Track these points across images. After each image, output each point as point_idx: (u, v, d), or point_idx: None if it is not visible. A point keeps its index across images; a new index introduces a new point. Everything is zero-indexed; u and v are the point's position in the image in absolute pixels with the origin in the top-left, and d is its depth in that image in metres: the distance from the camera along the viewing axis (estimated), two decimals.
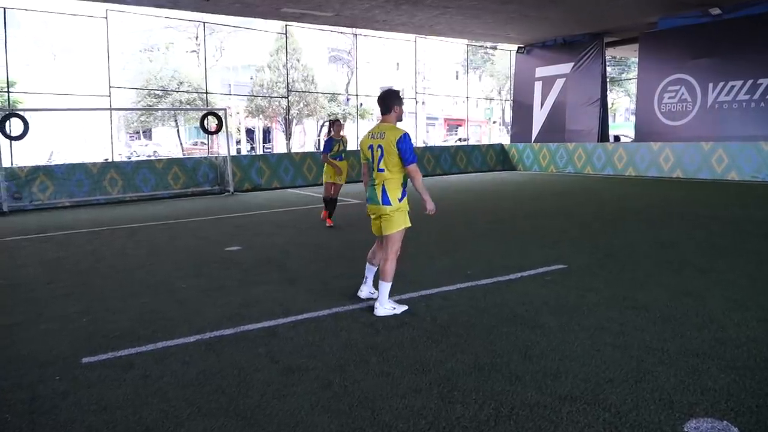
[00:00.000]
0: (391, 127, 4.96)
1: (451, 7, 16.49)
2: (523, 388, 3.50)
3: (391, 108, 5.00)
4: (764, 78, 15.72)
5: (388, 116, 5.02)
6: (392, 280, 5.03)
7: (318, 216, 10.86)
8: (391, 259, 5.02)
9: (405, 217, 5.02)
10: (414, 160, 4.86)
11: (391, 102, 4.99)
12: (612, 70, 42.69)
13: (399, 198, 4.95)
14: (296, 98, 34.88)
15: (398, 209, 4.95)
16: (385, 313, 4.97)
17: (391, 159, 4.89)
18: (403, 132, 4.90)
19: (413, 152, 4.88)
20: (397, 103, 5.01)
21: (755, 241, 7.75)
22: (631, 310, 4.95)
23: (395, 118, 5.03)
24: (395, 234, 4.99)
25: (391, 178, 4.94)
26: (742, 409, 3.17)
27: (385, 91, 5.10)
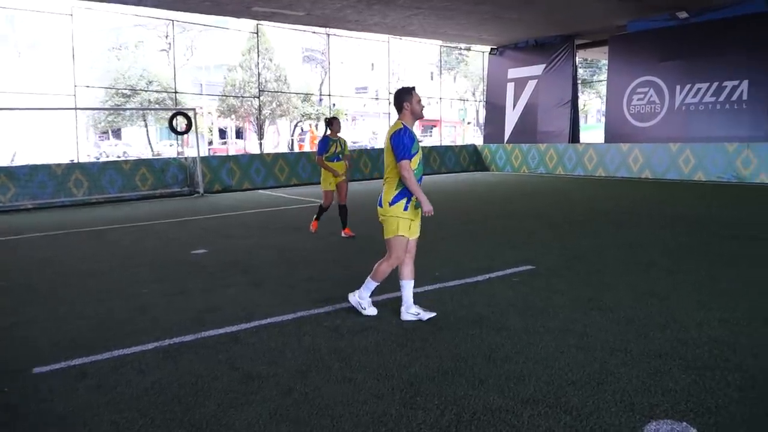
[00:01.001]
0: (396, 123, 4.74)
1: (423, 7, 16.48)
2: (486, 392, 3.47)
3: (401, 106, 4.74)
4: (729, 81, 15.99)
5: (401, 115, 4.77)
6: (378, 282, 4.91)
7: (293, 218, 10.74)
8: (386, 263, 4.81)
9: (397, 225, 4.67)
10: (405, 156, 4.54)
11: (401, 100, 4.73)
12: (583, 72, 43.18)
13: (390, 202, 4.66)
14: (269, 98, 34.65)
15: (389, 213, 4.67)
16: (354, 303, 4.98)
17: (388, 157, 4.69)
18: (399, 127, 4.66)
19: (405, 148, 4.56)
20: (408, 99, 4.71)
21: (720, 241, 7.84)
22: (596, 311, 4.96)
23: (410, 116, 4.74)
24: (390, 240, 4.73)
25: (388, 177, 4.72)
26: (701, 410, 3.17)
27: (396, 91, 4.82)
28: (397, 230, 4.68)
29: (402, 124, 4.68)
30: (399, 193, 4.65)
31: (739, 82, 15.78)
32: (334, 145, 8.88)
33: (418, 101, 4.75)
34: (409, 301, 4.88)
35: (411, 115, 4.73)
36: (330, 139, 8.88)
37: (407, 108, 4.72)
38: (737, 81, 15.81)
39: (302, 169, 18.39)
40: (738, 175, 15.31)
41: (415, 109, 4.72)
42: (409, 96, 4.72)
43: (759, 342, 4.12)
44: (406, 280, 4.87)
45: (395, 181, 4.66)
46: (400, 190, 4.65)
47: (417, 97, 4.74)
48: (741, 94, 15.78)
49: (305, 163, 18.52)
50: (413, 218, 4.74)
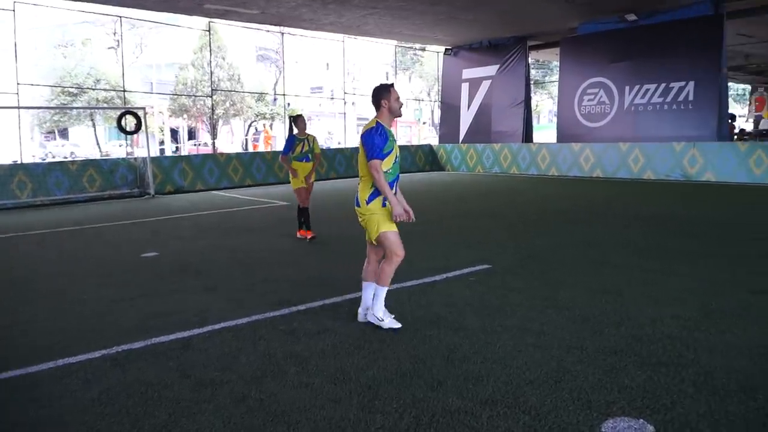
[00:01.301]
0: (370, 121, 4.58)
1: (378, 7, 16.45)
2: (445, 394, 3.43)
3: (379, 103, 4.56)
4: (675, 82, 16.43)
5: (379, 113, 4.58)
6: (388, 286, 4.60)
7: (247, 219, 10.54)
8: (387, 263, 4.57)
9: (377, 222, 4.51)
10: (375, 156, 4.37)
11: (378, 97, 4.55)
12: (535, 73, 43.92)
13: (367, 200, 4.51)
14: (222, 97, 34.11)
15: (368, 212, 4.52)
16: (373, 320, 4.60)
17: (361, 156, 4.53)
18: (372, 125, 4.50)
19: (376, 148, 4.38)
20: (385, 96, 4.54)
21: (670, 238, 8.02)
22: (552, 309, 4.98)
23: (387, 114, 4.57)
24: (381, 239, 4.53)
25: (363, 177, 4.57)
26: (657, 406, 3.19)
27: (374, 88, 4.63)
28: (381, 226, 4.51)
29: (376, 122, 4.52)
30: (375, 190, 4.51)
31: (685, 83, 16.23)
32: (300, 145, 8.49)
33: (397, 99, 4.58)
34: (369, 302, 4.77)
35: (388, 113, 4.57)
36: (296, 138, 8.49)
37: (385, 106, 4.56)
38: (684, 82, 16.27)
39: (257, 169, 18.15)
40: (685, 174, 15.75)
41: (393, 107, 4.56)
42: (387, 93, 4.56)
43: (712, 338, 4.20)
44: (368, 282, 4.76)
45: (370, 179, 4.50)
46: (376, 188, 4.50)
47: (395, 95, 4.59)
48: (687, 95, 16.24)
49: (260, 163, 18.28)
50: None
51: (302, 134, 8.52)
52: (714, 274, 5.96)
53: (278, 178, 18.47)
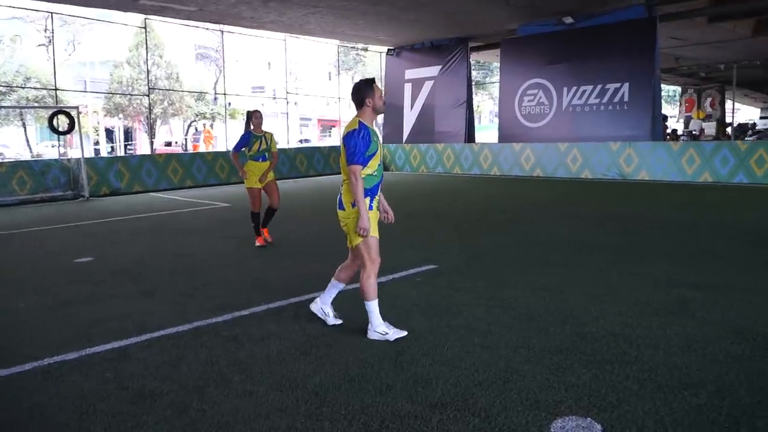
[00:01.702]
0: (352, 122, 4.27)
1: (320, 6, 16.30)
2: (394, 398, 3.38)
3: (362, 101, 4.25)
4: (611, 83, 16.91)
5: (361, 111, 4.28)
6: (376, 297, 4.35)
7: (188, 222, 10.23)
8: (365, 274, 4.33)
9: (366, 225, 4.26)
10: (356, 161, 4.12)
11: (362, 94, 4.25)
12: (477, 74, 44.54)
13: (352, 203, 4.24)
14: (159, 96, 33.22)
15: (351, 216, 4.28)
16: (376, 337, 4.29)
17: (343, 158, 4.26)
18: (354, 127, 4.20)
19: (357, 152, 4.13)
20: (370, 94, 4.23)
21: (609, 236, 8.22)
22: (498, 308, 5.00)
23: (371, 113, 4.28)
24: (360, 246, 4.30)
25: (346, 179, 4.30)
26: (603, 405, 3.22)
27: (355, 84, 4.33)
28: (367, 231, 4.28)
29: (359, 123, 4.22)
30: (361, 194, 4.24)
31: (620, 85, 16.72)
32: (257, 143, 7.82)
33: (380, 96, 4.30)
34: (329, 301, 4.70)
35: (372, 111, 4.29)
36: (252, 135, 7.84)
37: (369, 104, 4.25)
38: (619, 84, 16.75)
39: (197, 170, 17.72)
40: (621, 173, 16.23)
41: (377, 105, 4.27)
42: (371, 90, 4.25)
43: (654, 334, 4.28)
44: (339, 282, 4.66)
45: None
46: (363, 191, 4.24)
47: (379, 91, 4.30)
48: (623, 96, 16.73)
49: (200, 164, 17.86)
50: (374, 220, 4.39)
51: (258, 131, 7.89)
52: (653, 271, 6.12)
53: (220, 179, 18.09)
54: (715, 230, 8.38)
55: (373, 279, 4.34)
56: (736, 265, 6.28)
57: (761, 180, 13.90)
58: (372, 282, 4.33)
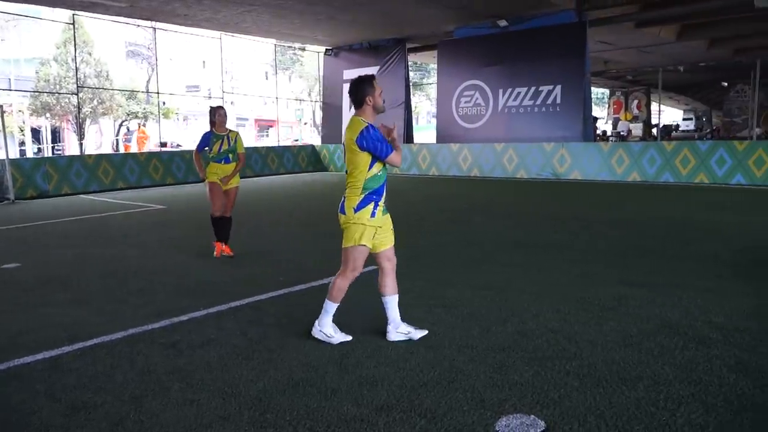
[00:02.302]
0: (355, 121, 4.09)
1: (256, 4, 16.06)
2: (339, 402, 3.34)
3: (363, 100, 4.08)
4: (544, 85, 17.36)
5: (361, 110, 4.12)
6: (338, 302, 4.25)
7: (120, 225, 9.84)
8: (341, 278, 4.23)
9: (361, 234, 4.11)
10: (388, 150, 4.03)
11: (362, 92, 4.08)
12: (414, 75, 44.87)
13: (355, 208, 4.09)
14: (89, 95, 32.02)
15: (353, 220, 4.10)
16: (321, 337, 4.23)
17: (351, 159, 4.09)
18: (364, 126, 4.01)
19: (381, 142, 4.01)
20: (370, 92, 4.07)
21: (546, 235, 8.41)
22: (440, 308, 5.03)
23: (371, 111, 4.13)
24: (348, 250, 4.16)
25: (351, 182, 4.14)
26: (546, 401, 3.28)
27: (354, 81, 4.13)
28: (360, 239, 4.12)
29: (364, 122, 4.06)
30: (364, 199, 4.11)
31: (553, 87, 17.18)
32: (219, 143, 7.09)
33: (380, 93, 4.15)
34: (396, 319, 4.34)
35: (373, 110, 4.15)
36: (214, 135, 7.11)
37: (369, 102, 4.10)
38: (552, 86, 17.21)
39: (129, 171, 17.15)
40: (555, 173, 16.66)
41: (378, 103, 4.13)
42: (371, 88, 4.09)
43: (591, 330, 4.39)
44: (390, 295, 4.34)
45: (359, 186, 4.10)
46: (366, 195, 4.11)
47: (379, 89, 4.15)
48: (555, 98, 17.20)
49: (133, 164, 17.30)
50: (380, 226, 4.21)
51: (221, 130, 7.15)
52: (589, 268, 6.29)
53: (153, 179, 17.57)
54: (645, 227, 8.70)
55: (345, 285, 4.26)
56: (666, 261, 6.53)
57: (686, 178, 14.54)
58: (344, 287, 4.26)
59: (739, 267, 6.17)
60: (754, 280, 5.63)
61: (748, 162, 13.72)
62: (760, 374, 3.53)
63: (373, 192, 4.14)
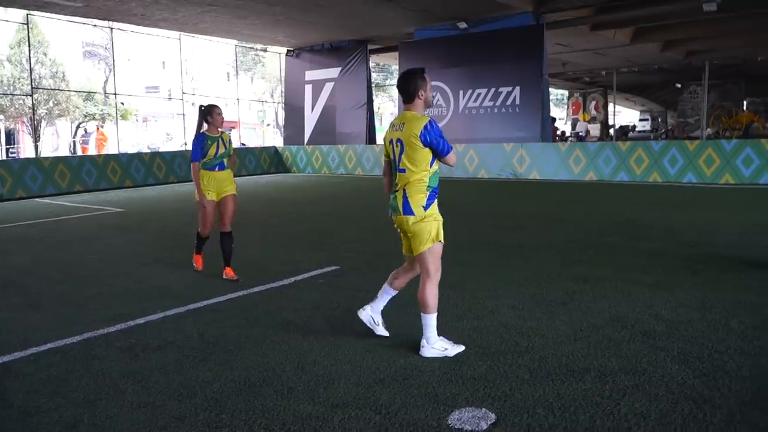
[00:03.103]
0: (413, 116, 3.93)
1: (215, 5, 15.95)
2: (296, 401, 3.38)
3: (415, 94, 3.93)
4: (504, 87, 17.64)
5: (413, 104, 3.96)
6: (436, 311, 4.00)
7: (77, 229, 9.66)
8: (429, 284, 3.98)
9: (436, 230, 4.00)
10: (450, 148, 3.93)
11: (414, 86, 3.92)
12: (377, 76, 44.98)
13: (424, 206, 3.95)
14: (44, 96, 31.29)
15: (423, 220, 3.97)
16: (434, 354, 3.93)
17: (412, 156, 3.90)
18: (427, 120, 3.86)
19: (445, 139, 3.92)
20: (423, 86, 3.93)
21: (505, 233, 8.56)
22: (398, 307, 5.10)
23: (422, 105, 3.99)
24: (426, 253, 3.99)
25: (414, 180, 3.94)
26: (497, 394, 3.37)
27: (404, 74, 4.00)
28: (437, 236, 4.00)
29: (427, 117, 3.92)
30: (430, 196, 4.00)
31: (512, 88, 17.46)
32: (214, 146, 6.05)
33: (430, 88, 4.06)
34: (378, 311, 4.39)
35: (424, 105, 4.01)
36: (208, 138, 6.04)
37: (421, 97, 3.96)
38: (510, 87, 17.49)
39: (87, 174, 16.84)
40: (514, 173, 16.93)
41: (429, 97, 4.01)
42: (424, 82, 3.95)
43: (543, 325, 4.52)
44: (394, 289, 4.39)
45: (425, 183, 3.96)
46: (431, 193, 4.00)
47: (429, 83, 4.03)
48: (514, 99, 17.49)
49: (90, 167, 16.99)
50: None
51: (214, 131, 6.09)
52: (543, 265, 6.44)
53: (111, 182, 17.28)
54: (600, 225, 8.93)
55: (436, 290, 4.02)
56: (619, 258, 6.72)
57: (640, 177, 14.93)
58: (435, 293, 4.01)
59: (686, 262, 6.39)
60: (699, 275, 5.85)
61: (698, 161, 14.17)
62: (701, 364, 3.69)
63: (435, 190, 4.04)
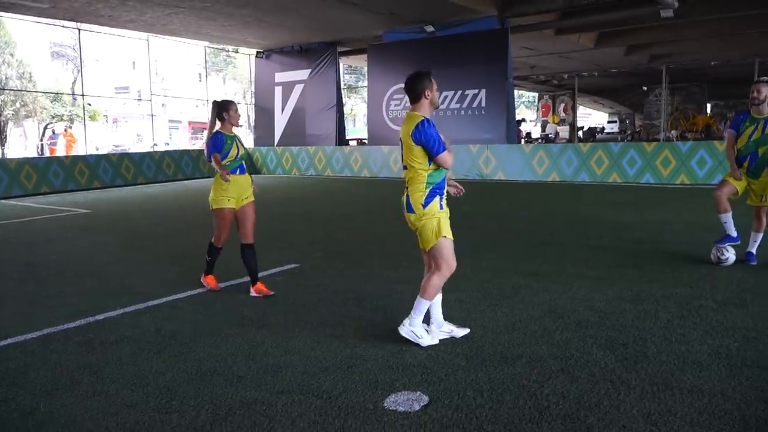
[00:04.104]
0: (411, 115, 4.11)
1: (183, 6, 16.00)
2: (244, 388, 3.57)
3: (421, 94, 4.07)
4: (470, 89, 17.97)
5: (418, 104, 4.12)
6: (431, 300, 4.17)
7: (41, 229, 9.67)
8: (437, 275, 4.14)
9: (438, 226, 4.10)
10: (442, 148, 4.00)
11: (420, 86, 4.07)
12: (349, 78, 45.20)
13: (423, 203, 4.09)
14: (11, 97, 30.90)
15: (423, 217, 4.10)
16: (407, 335, 4.10)
17: (409, 154, 4.08)
18: (420, 119, 4.02)
19: (438, 139, 4.00)
20: (428, 86, 4.07)
21: (463, 231, 8.74)
22: (352, 302, 5.32)
23: (428, 106, 4.12)
24: (434, 249, 4.12)
25: (413, 178, 4.11)
26: (433, 379, 3.61)
27: (411, 76, 4.14)
28: (440, 232, 4.10)
29: (421, 116, 4.07)
30: (430, 193, 4.12)
31: (478, 91, 17.80)
32: (234, 146, 5.56)
33: (437, 88, 4.18)
34: (442, 321, 4.38)
35: (430, 105, 4.15)
36: (226, 137, 5.54)
37: (428, 97, 4.10)
38: (477, 90, 17.83)
39: (54, 175, 16.76)
40: (481, 174, 17.26)
41: (435, 98, 4.14)
42: (429, 83, 4.09)
43: (486, 316, 4.77)
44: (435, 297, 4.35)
45: (422, 181, 4.10)
46: (431, 190, 4.12)
47: (435, 84, 4.15)
48: (480, 102, 17.83)
49: (57, 169, 16.91)
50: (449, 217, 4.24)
51: (229, 129, 5.59)
52: (497, 261, 6.71)
53: (79, 184, 17.21)
54: (554, 224, 9.25)
55: (441, 283, 4.18)
56: (568, 254, 7.02)
57: (600, 178, 15.36)
58: (440, 284, 4.17)
59: (631, 258, 6.70)
60: (641, 270, 6.16)
61: (655, 162, 14.63)
62: (625, 350, 3.97)
63: (437, 186, 4.14)
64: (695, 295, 5.19)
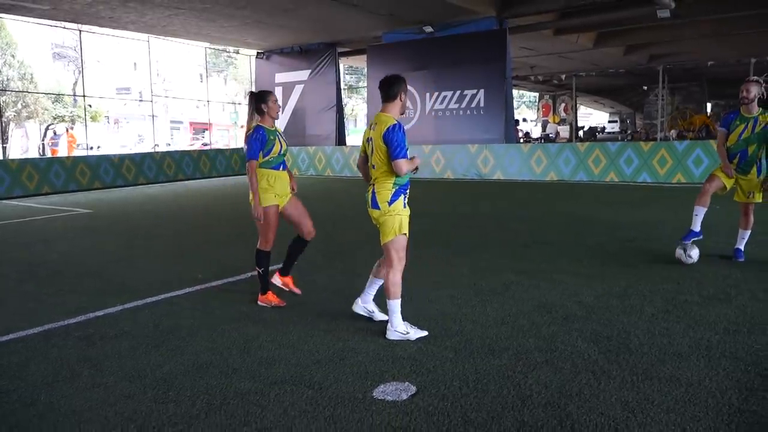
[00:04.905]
0: (385, 117, 4.28)
1: (183, 8, 16.13)
2: (238, 380, 3.69)
3: (396, 94, 4.28)
4: (469, 90, 18.08)
5: (391, 104, 4.31)
6: (400, 296, 4.33)
7: (42, 229, 9.78)
8: (392, 273, 4.32)
9: (398, 223, 4.29)
10: (403, 154, 4.15)
11: (398, 88, 4.28)
12: (350, 78, 45.34)
13: (389, 201, 4.27)
14: (12, 98, 31.06)
15: (387, 213, 4.29)
16: (397, 337, 4.27)
17: (379, 154, 4.24)
18: (393, 122, 4.21)
19: (403, 145, 4.16)
20: (403, 89, 4.30)
21: (460, 230, 8.94)
22: (349, 298, 5.39)
23: (399, 109, 4.34)
24: (390, 243, 4.32)
25: (381, 177, 4.29)
26: (421, 371, 3.73)
27: (387, 77, 4.32)
28: (400, 229, 4.30)
29: (394, 120, 4.26)
30: (395, 193, 4.29)
31: (477, 91, 17.91)
32: (277, 141, 5.16)
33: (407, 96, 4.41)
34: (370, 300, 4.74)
35: (401, 108, 4.36)
36: (268, 132, 5.11)
37: (402, 100, 4.32)
38: (475, 90, 17.94)
39: (55, 175, 16.90)
40: (479, 173, 17.37)
41: (405, 102, 4.37)
42: (404, 86, 4.31)
43: (476, 312, 4.89)
44: (379, 278, 4.65)
45: (390, 180, 4.28)
46: (396, 190, 4.30)
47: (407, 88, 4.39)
48: (479, 102, 17.93)
49: (59, 169, 17.05)
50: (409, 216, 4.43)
51: (271, 123, 5.19)
52: (491, 259, 6.82)
53: (80, 184, 17.36)
54: (549, 223, 9.36)
55: (398, 278, 4.35)
56: (561, 252, 7.13)
57: (598, 177, 15.47)
58: (397, 281, 4.34)
59: (622, 256, 6.82)
60: (631, 267, 6.27)
61: (652, 161, 14.73)
62: (608, 342, 4.08)
63: (402, 187, 4.33)
64: (681, 291, 5.30)
